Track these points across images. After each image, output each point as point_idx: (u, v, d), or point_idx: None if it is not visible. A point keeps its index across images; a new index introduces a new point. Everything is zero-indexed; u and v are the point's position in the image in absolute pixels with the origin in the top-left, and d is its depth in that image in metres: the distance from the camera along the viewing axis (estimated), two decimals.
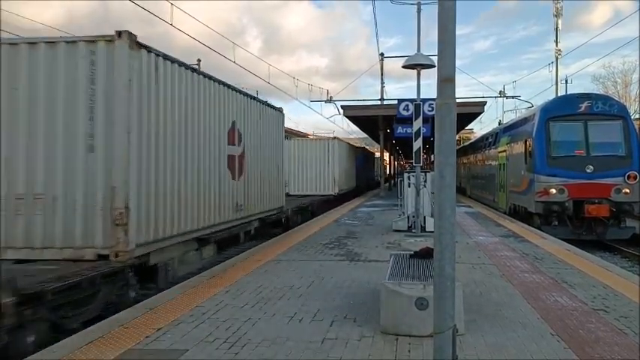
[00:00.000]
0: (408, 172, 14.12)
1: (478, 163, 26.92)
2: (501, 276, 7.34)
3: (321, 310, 5.60)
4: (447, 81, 3.17)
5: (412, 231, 12.11)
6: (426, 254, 5.82)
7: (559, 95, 26.99)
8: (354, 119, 29.38)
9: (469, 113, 23.60)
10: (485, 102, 25.03)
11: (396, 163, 63.79)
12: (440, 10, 3.15)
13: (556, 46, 30.98)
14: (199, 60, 28.73)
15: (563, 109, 15.03)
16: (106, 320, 5.36)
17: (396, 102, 13.99)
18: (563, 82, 35.23)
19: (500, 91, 34.61)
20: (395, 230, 12.56)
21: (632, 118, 16.73)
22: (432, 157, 39.09)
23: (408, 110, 12.23)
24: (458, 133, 35.73)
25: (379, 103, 32.93)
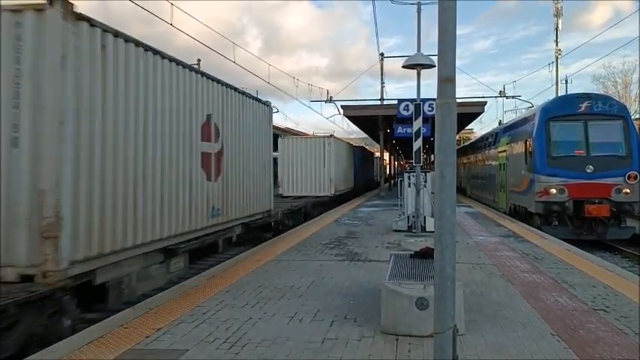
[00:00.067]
0: (408, 172, 14.11)
1: (478, 163, 26.92)
2: (501, 276, 7.34)
3: (322, 310, 5.60)
4: (447, 81, 3.17)
5: (412, 231, 12.12)
6: (426, 254, 5.82)
7: (559, 95, 27.02)
8: (354, 119, 29.40)
9: (469, 113, 23.61)
10: (486, 102, 25.06)
11: (396, 163, 63.82)
12: (440, 10, 3.15)
13: (556, 46, 31.03)
14: (199, 60, 28.77)
15: (564, 109, 15.04)
16: (106, 320, 5.36)
17: (396, 102, 13.99)
18: (563, 82, 35.30)
19: (500, 91, 34.65)
20: (395, 230, 12.57)
21: (632, 118, 16.72)
22: (432, 157, 39.13)
23: (408, 110, 12.23)
24: (458, 133, 35.68)
25: (379, 103, 32.96)
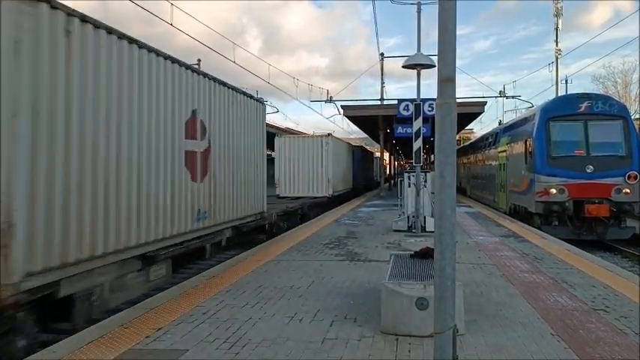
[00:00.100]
0: (408, 172, 14.11)
1: (478, 163, 26.92)
2: (501, 276, 7.34)
3: (322, 310, 5.60)
4: (447, 81, 3.17)
5: (412, 231, 12.12)
6: (426, 254, 5.82)
7: (559, 95, 27.03)
8: (354, 119, 29.40)
9: (469, 113, 23.61)
10: (486, 102, 25.06)
11: (396, 163, 63.83)
12: (440, 10, 3.15)
13: (556, 46, 31.05)
14: (199, 60, 28.79)
15: (564, 109, 15.04)
16: (106, 320, 5.36)
17: (396, 102, 13.99)
18: (563, 82, 35.32)
19: (500, 91, 34.67)
20: (395, 230, 12.56)
21: (632, 118, 16.73)
22: (432, 157, 39.14)
23: (408, 110, 12.23)
24: (458, 133, 35.70)
25: (379, 103, 32.96)
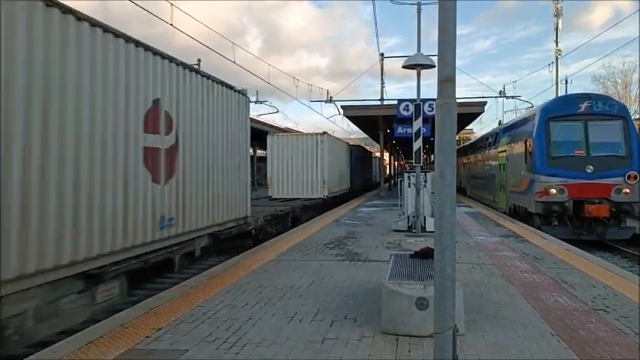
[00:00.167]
0: (408, 172, 14.12)
1: (478, 163, 26.92)
2: (501, 276, 7.34)
3: (322, 310, 5.60)
4: (447, 81, 3.17)
5: (412, 231, 12.12)
6: (426, 254, 5.82)
7: (559, 95, 27.04)
8: (354, 119, 29.39)
9: (469, 113, 23.60)
10: (486, 102, 25.04)
11: (396, 163, 63.84)
12: (440, 10, 3.15)
13: (556, 46, 31.05)
14: (199, 60, 28.79)
15: (564, 109, 15.04)
16: (106, 320, 5.36)
17: (396, 102, 13.99)
18: (563, 82, 35.32)
19: (500, 91, 34.71)
20: (395, 230, 12.57)
21: (632, 118, 16.73)
22: (432, 157, 39.15)
23: (408, 110, 12.24)
24: (458, 133, 35.71)
25: (379, 103, 32.97)
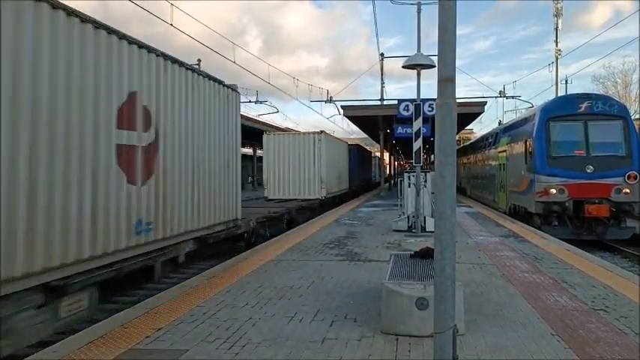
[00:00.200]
0: (408, 172, 14.12)
1: (478, 163, 26.92)
2: (501, 276, 7.34)
3: (322, 310, 5.60)
4: (447, 81, 3.17)
5: (412, 231, 12.12)
6: (426, 254, 5.82)
7: (559, 95, 27.05)
8: (354, 119, 29.40)
9: (469, 113, 23.61)
10: (486, 102, 25.06)
11: (396, 163, 63.85)
12: (440, 10, 3.15)
13: (556, 46, 31.07)
14: (199, 60, 28.80)
15: (564, 109, 15.04)
16: (106, 320, 5.36)
17: (396, 102, 13.99)
18: (563, 82, 35.33)
19: (500, 91, 34.72)
20: (395, 230, 12.57)
21: (632, 118, 16.73)
22: (432, 157, 39.15)
23: (408, 110, 12.24)
24: (458, 133, 35.72)
25: (379, 103, 32.98)
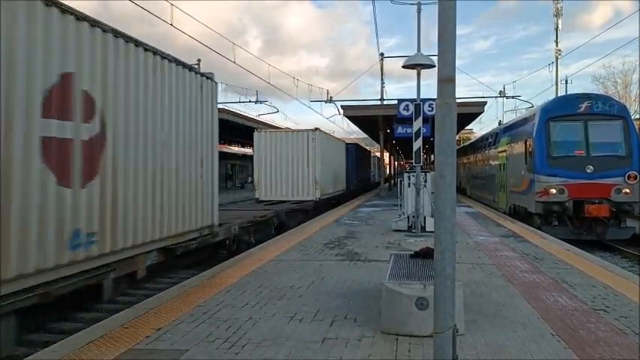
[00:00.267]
0: (408, 172, 14.12)
1: (478, 163, 26.92)
2: (501, 276, 7.34)
3: (322, 310, 5.60)
4: (447, 81, 3.17)
5: (412, 231, 12.12)
6: (426, 254, 5.81)
7: (559, 95, 27.06)
8: (354, 119, 29.41)
9: (469, 113, 23.62)
10: (486, 102, 25.09)
11: (396, 163, 63.86)
12: (440, 10, 3.15)
13: (556, 46, 31.09)
14: (199, 60, 28.80)
15: (564, 109, 15.05)
16: (106, 320, 5.36)
17: (396, 102, 14.00)
18: (563, 82, 35.34)
19: (500, 91, 34.75)
20: (395, 230, 12.57)
21: (633, 118, 16.74)
22: (432, 157, 39.14)
23: (408, 110, 12.24)
24: (458, 133, 35.72)
25: (379, 103, 33.01)
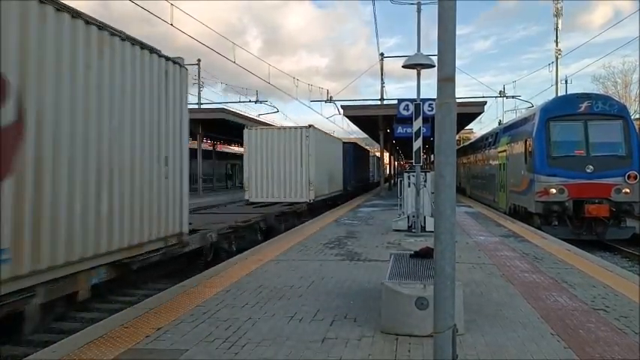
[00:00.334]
0: (408, 172, 14.12)
1: (478, 163, 26.92)
2: (501, 276, 7.34)
3: (322, 309, 5.60)
4: (447, 81, 3.17)
5: (412, 231, 12.12)
6: (426, 254, 5.82)
7: (559, 95, 27.06)
8: (354, 119, 29.42)
9: (469, 113, 23.65)
10: (485, 102, 25.15)
11: (396, 163, 63.85)
12: (440, 10, 3.15)
13: (556, 46, 31.12)
14: (199, 60, 28.86)
15: (564, 109, 15.05)
16: (106, 320, 5.36)
17: (396, 102, 14.00)
18: (563, 82, 35.37)
19: (500, 91, 34.84)
20: (395, 230, 12.56)
21: (632, 118, 16.74)
22: (432, 157, 39.16)
23: (408, 110, 12.24)
24: (458, 133, 35.75)
25: (379, 103, 33.03)
